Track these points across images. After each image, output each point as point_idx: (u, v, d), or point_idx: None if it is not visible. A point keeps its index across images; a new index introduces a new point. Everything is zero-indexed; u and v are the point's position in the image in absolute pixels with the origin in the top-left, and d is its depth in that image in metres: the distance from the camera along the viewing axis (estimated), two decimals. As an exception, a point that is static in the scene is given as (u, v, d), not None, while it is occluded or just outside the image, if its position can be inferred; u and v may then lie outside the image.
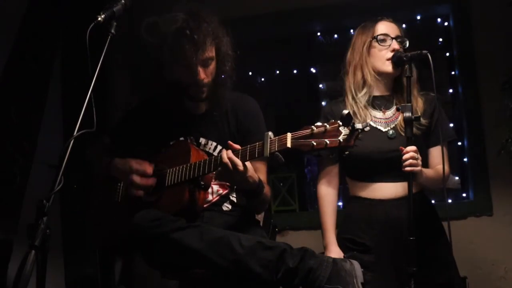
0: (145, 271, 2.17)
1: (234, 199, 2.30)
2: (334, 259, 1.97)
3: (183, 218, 2.03)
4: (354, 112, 2.44)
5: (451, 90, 3.76)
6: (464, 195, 3.65)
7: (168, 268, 2.09)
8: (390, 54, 2.45)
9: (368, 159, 2.42)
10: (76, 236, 3.26)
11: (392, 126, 2.45)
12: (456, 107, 3.67)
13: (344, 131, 1.80)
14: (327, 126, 1.82)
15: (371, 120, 2.46)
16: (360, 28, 2.59)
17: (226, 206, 2.28)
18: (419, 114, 2.34)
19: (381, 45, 2.47)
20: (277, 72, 4.27)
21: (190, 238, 1.96)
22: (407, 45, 2.49)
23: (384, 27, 2.51)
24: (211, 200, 2.26)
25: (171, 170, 2.16)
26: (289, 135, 1.86)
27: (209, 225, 2.08)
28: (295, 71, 4.23)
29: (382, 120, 2.48)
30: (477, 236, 3.39)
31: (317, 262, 1.93)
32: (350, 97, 2.50)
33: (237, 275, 1.95)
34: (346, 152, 1.96)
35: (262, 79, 4.30)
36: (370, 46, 2.50)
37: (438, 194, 3.02)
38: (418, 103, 2.45)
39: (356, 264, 1.99)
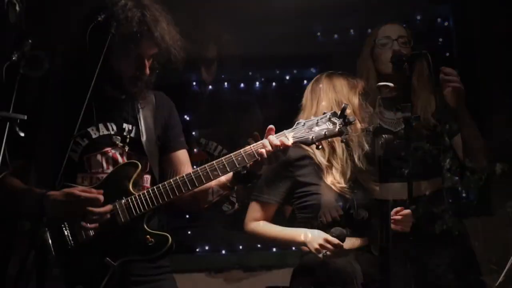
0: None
1: (234, 200, 2.30)
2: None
3: None
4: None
5: (451, 90, 3.75)
6: (464, 195, 3.64)
7: None
8: (390, 55, 2.45)
9: (378, 159, 2.42)
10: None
11: (402, 126, 2.44)
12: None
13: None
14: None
15: (383, 122, 2.48)
16: (367, 36, 2.63)
17: (226, 207, 2.27)
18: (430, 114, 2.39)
19: (382, 48, 2.48)
20: (277, 72, 4.27)
21: None
22: (412, 43, 2.49)
23: (385, 31, 2.52)
24: (212, 201, 2.26)
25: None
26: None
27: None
28: (295, 71, 4.23)
29: (394, 120, 2.49)
30: (477, 236, 3.38)
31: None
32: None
33: None
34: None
35: (262, 79, 4.29)
36: (373, 51, 2.51)
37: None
38: (431, 103, 2.45)
39: (356, 264, 1.98)
